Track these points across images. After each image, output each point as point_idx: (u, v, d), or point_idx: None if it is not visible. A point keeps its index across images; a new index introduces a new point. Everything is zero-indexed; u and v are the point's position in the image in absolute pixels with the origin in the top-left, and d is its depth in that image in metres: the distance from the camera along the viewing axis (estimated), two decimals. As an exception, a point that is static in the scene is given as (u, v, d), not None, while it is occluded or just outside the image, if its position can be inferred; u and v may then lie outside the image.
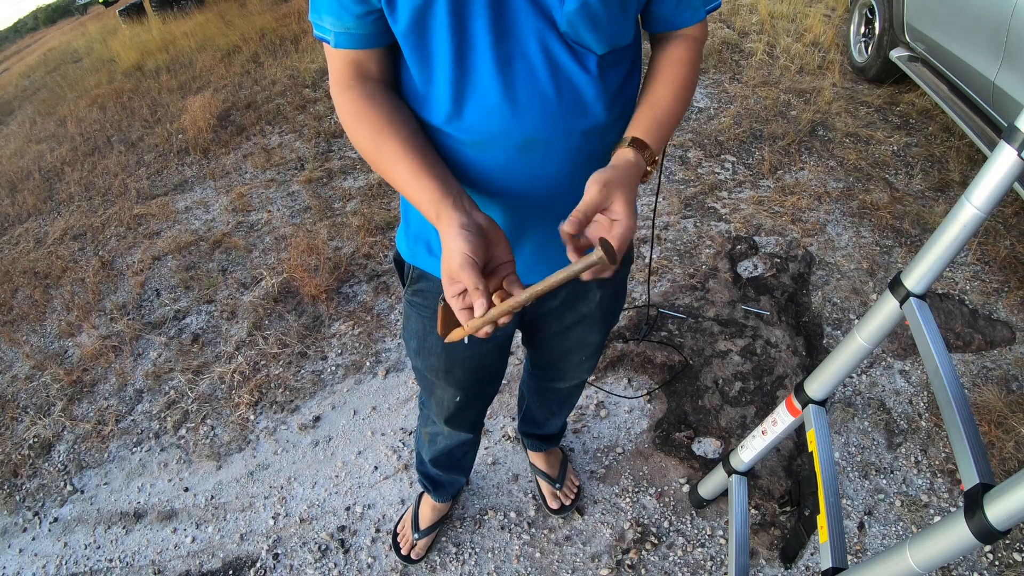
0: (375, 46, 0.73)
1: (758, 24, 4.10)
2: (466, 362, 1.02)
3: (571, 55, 0.70)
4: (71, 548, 1.68)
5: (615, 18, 0.68)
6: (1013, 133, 0.66)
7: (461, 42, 0.67)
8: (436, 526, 1.51)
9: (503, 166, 0.75)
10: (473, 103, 0.71)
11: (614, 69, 0.74)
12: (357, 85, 0.74)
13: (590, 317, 1.04)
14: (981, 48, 2.14)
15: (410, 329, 1.02)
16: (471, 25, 0.66)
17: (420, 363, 1.05)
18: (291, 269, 2.46)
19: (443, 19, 0.66)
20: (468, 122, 0.72)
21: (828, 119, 2.96)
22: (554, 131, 0.72)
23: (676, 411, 1.74)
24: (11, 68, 12.88)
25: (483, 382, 1.12)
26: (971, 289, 1.97)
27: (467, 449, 1.36)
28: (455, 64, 0.69)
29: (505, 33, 0.67)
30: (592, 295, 0.99)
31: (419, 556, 1.49)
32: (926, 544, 0.68)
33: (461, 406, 1.12)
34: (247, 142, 3.71)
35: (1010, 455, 1.52)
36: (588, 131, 0.75)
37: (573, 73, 0.71)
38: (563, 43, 0.69)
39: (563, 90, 0.71)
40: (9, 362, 2.40)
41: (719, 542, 1.45)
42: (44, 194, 3.73)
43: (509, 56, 0.68)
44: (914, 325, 0.79)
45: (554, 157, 0.75)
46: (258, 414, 1.94)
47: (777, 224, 2.33)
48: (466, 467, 1.46)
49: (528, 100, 0.70)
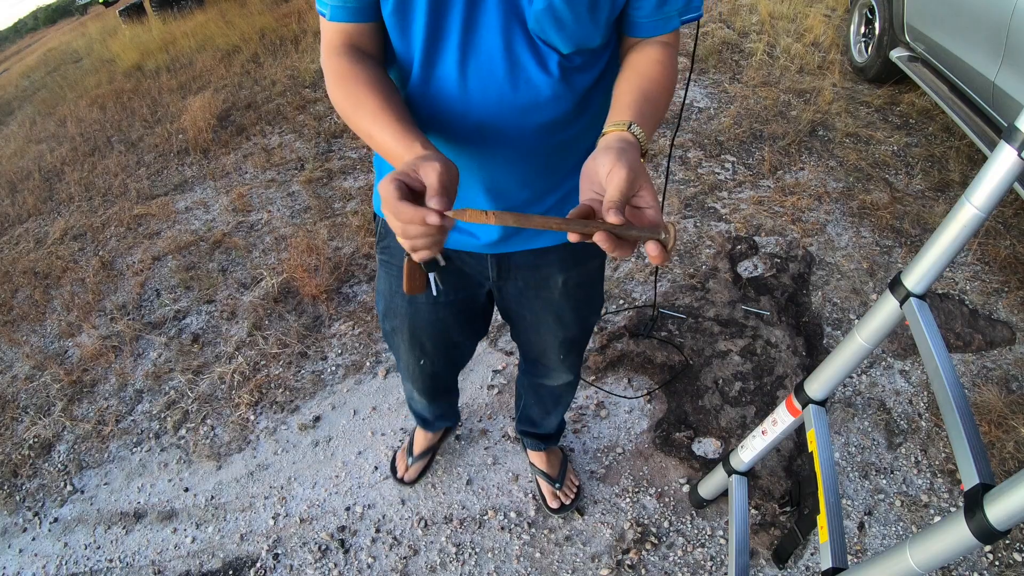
0: (366, 20, 0.76)
1: (758, 24, 4.10)
2: (429, 327, 1.06)
3: (533, 53, 0.73)
4: (71, 548, 1.68)
5: (582, 20, 0.70)
6: (1013, 133, 0.66)
7: (435, 29, 0.72)
8: (427, 453, 1.65)
9: (461, 150, 0.79)
10: (434, 86, 0.76)
11: (583, 71, 0.77)
12: (346, 53, 0.77)
13: (558, 308, 1.05)
14: (981, 48, 2.14)
15: (379, 290, 1.07)
16: (447, 14, 0.71)
17: (387, 325, 1.11)
18: (291, 269, 2.46)
19: (423, 5, 0.70)
20: (430, 102, 0.77)
21: (828, 119, 2.96)
22: (505, 122, 0.76)
23: (676, 411, 1.74)
24: (11, 68, 12.88)
25: (448, 350, 1.16)
26: (971, 289, 1.97)
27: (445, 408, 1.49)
28: (426, 49, 0.73)
29: (475, 25, 0.71)
30: (554, 280, 1.00)
31: (411, 479, 1.64)
32: (926, 544, 0.68)
33: (427, 373, 1.19)
34: (247, 142, 3.71)
35: (1010, 455, 1.52)
36: (544, 126, 0.77)
37: (531, 70, 0.74)
38: (528, 40, 0.72)
39: (519, 85, 0.74)
40: (9, 362, 2.40)
41: (719, 542, 1.45)
42: (44, 194, 3.73)
43: (473, 47, 0.72)
44: (914, 325, 0.79)
45: (507, 147, 0.78)
46: (258, 414, 1.94)
47: (777, 224, 2.33)
48: (451, 416, 1.58)
49: (481, 90, 0.74)
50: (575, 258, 0.98)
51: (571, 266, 0.99)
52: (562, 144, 0.81)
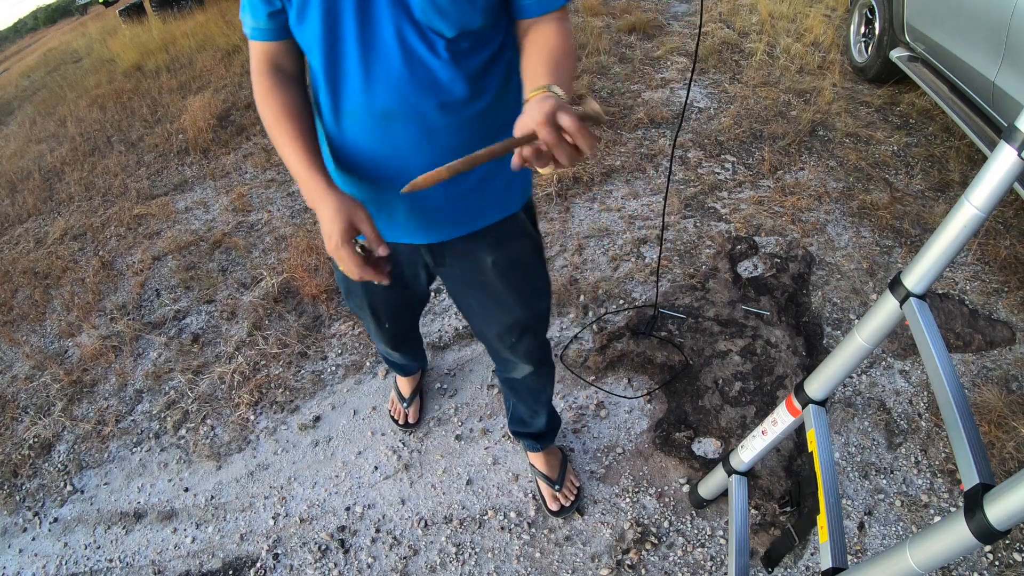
0: (282, 38, 0.90)
1: (758, 24, 4.10)
2: (383, 303, 1.24)
3: (422, 40, 0.82)
4: (71, 548, 1.68)
5: (462, 5, 0.81)
6: (1013, 133, 0.66)
7: (333, 32, 0.83)
8: (415, 393, 1.80)
9: (371, 134, 0.89)
10: (342, 81, 0.87)
11: (471, 54, 0.86)
12: (269, 73, 0.92)
13: (497, 292, 1.11)
14: (981, 48, 2.14)
15: (339, 278, 1.23)
16: (341, 16, 0.82)
17: (350, 304, 1.30)
18: (291, 269, 2.46)
19: (316, 12, 0.81)
20: (342, 98, 0.88)
21: (828, 119, 2.96)
22: (407, 105, 0.85)
23: (676, 411, 1.74)
24: (11, 68, 12.88)
25: (401, 313, 1.34)
26: (971, 289, 1.97)
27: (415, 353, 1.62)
28: (327, 52, 0.84)
29: (368, 21, 0.81)
30: (484, 263, 1.07)
31: (415, 419, 1.77)
32: (926, 544, 0.68)
33: (390, 333, 1.37)
34: (247, 142, 3.71)
35: (1010, 455, 1.52)
36: (443, 105, 0.86)
37: (424, 55, 0.83)
38: (417, 29, 0.82)
39: (415, 70, 0.84)
40: (9, 362, 2.40)
41: (719, 542, 1.45)
42: (44, 194, 3.73)
43: (371, 42, 0.83)
44: (914, 325, 0.79)
45: (412, 127, 0.87)
46: (258, 414, 1.94)
47: (777, 224, 2.33)
48: (421, 358, 1.71)
49: (383, 78, 0.84)
50: (499, 238, 1.05)
51: (496, 245, 1.06)
52: (465, 124, 0.89)
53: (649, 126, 3.08)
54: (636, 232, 2.38)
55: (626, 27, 4.23)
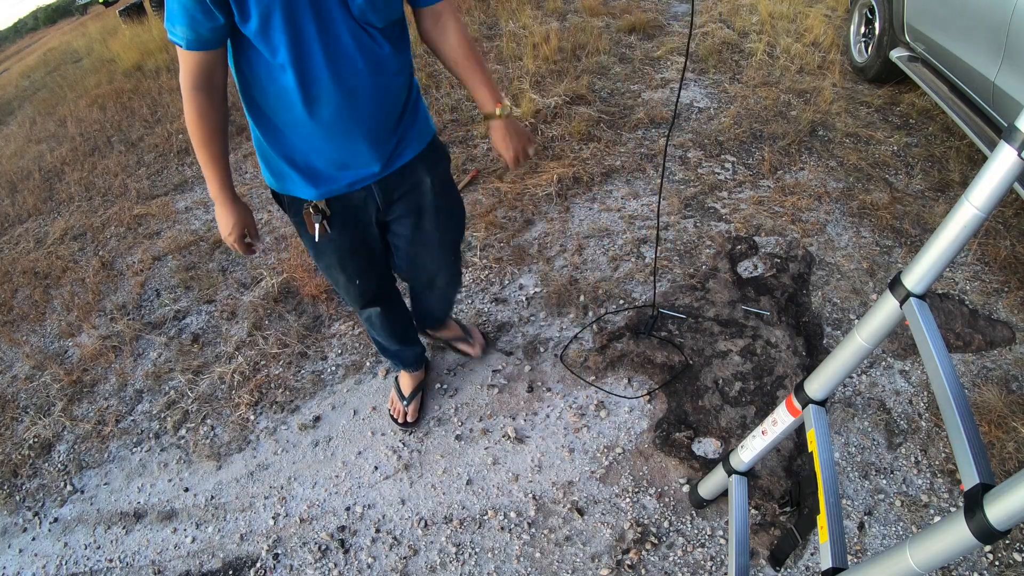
0: (216, 47, 1.07)
1: (758, 24, 4.10)
2: (348, 254, 1.38)
3: (366, 34, 1.09)
4: (71, 548, 1.68)
5: (392, 3, 1.10)
6: (1013, 133, 0.66)
7: (296, 36, 1.03)
8: (417, 391, 1.82)
9: (339, 106, 1.12)
10: (312, 76, 1.07)
11: (394, 37, 1.15)
12: (203, 90, 1.10)
13: (438, 210, 1.39)
14: (981, 48, 2.14)
15: (306, 244, 1.39)
16: (301, 23, 1.02)
17: (321, 264, 1.43)
18: (291, 269, 2.46)
19: (279, 21, 1.00)
20: (314, 88, 1.09)
21: (828, 119, 2.96)
22: (365, 83, 1.12)
23: (676, 411, 1.74)
24: (11, 68, 12.88)
25: (368, 265, 1.45)
26: (971, 289, 1.97)
27: (400, 321, 1.68)
28: (293, 52, 1.04)
29: (325, 25, 1.04)
30: (424, 184, 1.34)
31: (414, 418, 1.79)
32: (926, 544, 0.68)
33: (362, 290, 1.48)
34: (247, 142, 3.71)
35: (1010, 455, 1.52)
36: (385, 78, 1.15)
37: (370, 45, 1.10)
38: (359, 26, 1.07)
39: (367, 57, 1.10)
40: (9, 362, 2.40)
41: (719, 542, 1.45)
42: (44, 194, 3.73)
43: (330, 41, 1.06)
44: (914, 325, 0.79)
45: (368, 97, 1.15)
46: (258, 414, 1.94)
47: (777, 224, 2.33)
48: (412, 337, 1.77)
49: (347, 68, 1.09)
50: (432, 161, 1.34)
51: (432, 166, 1.34)
52: (396, 89, 1.19)
53: (649, 126, 3.08)
54: (636, 232, 2.39)
55: (626, 27, 4.23)
